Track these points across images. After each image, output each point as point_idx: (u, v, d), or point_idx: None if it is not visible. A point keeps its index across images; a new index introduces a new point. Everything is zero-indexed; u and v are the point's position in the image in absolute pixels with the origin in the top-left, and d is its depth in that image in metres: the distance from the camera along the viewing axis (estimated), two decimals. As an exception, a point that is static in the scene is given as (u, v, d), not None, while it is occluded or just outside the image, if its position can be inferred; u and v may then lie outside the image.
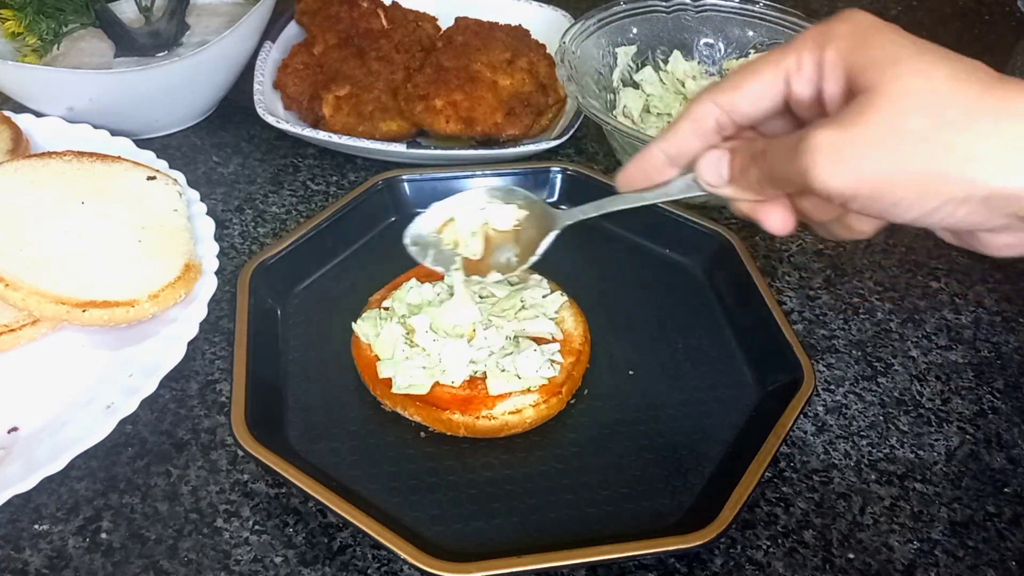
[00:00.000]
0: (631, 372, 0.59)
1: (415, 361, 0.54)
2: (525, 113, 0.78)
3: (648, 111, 0.81)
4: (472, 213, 0.54)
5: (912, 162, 0.34)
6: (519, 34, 0.87)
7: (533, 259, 0.52)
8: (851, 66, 0.36)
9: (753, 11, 0.84)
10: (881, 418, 0.59)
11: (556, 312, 0.59)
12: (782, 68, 0.39)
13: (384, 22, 0.86)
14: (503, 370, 0.54)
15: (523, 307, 0.59)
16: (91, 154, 0.66)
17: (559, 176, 0.72)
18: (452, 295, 0.59)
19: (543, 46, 0.87)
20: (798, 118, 0.41)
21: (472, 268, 0.54)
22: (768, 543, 0.51)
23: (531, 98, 0.80)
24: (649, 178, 0.45)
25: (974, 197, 0.34)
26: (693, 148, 0.42)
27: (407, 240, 0.55)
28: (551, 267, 0.63)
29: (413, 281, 0.60)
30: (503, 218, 0.54)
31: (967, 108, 0.34)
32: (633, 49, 0.83)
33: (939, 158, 0.34)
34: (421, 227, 0.55)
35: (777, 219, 0.41)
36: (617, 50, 0.82)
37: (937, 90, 0.34)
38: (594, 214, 0.50)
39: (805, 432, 0.57)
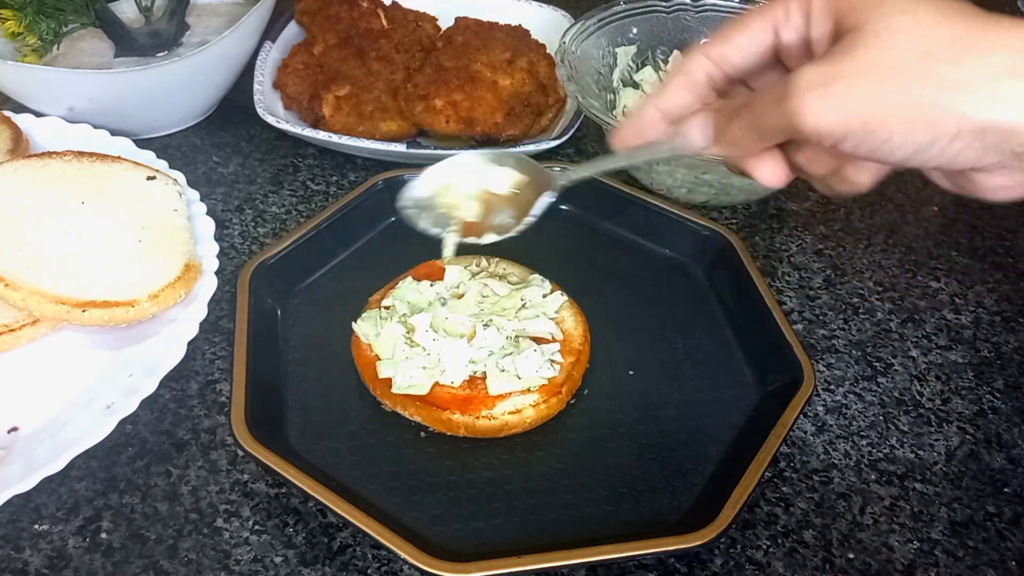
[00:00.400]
0: (631, 372, 0.59)
1: (415, 361, 0.54)
2: (525, 113, 0.78)
3: (648, 111, 0.81)
4: (469, 176, 0.53)
5: (901, 94, 0.34)
6: (519, 34, 0.87)
7: (529, 220, 0.51)
8: (837, 10, 0.37)
9: (753, 11, 0.84)
10: (881, 418, 0.59)
11: (556, 312, 0.59)
12: (770, 17, 0.39)
13: (384, 22, 0.86)
14: (503, 370, 0.54)
15: (523, 307, 0.59)
16: (91, 154, 0.66)
17: (559, 176, 0.72)
18: (452, 295, 0.59)
19: (543, 46, 0.87)
20: (788, 70, 0.41)
21: (468, 230, 0.53)
22: (768, 543, 0.51)
23: (531, 98, 0.80)
24: (643, 135, 0.44)
25: (966, 130, 0.34)
26: (685, 102, 0.43)
27: (402, 203, 0.53)
28: (551, 267, 0.63)
29: (411, 279, 0.60)
30: (500, 181, 0.53)
31: (954, 41, 0.34)
32: (633, 49, 0.83)
33: (928, 90, 0.34)
34: (417, 191, 0.54)
35: (768, 171, 0.41)
36: (617, 50, 0.82)
37: (924, 24, 0.34)
38: (588, 174, 0.50)
39: (805, 432, 0.57)
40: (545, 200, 0.51)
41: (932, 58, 0.34)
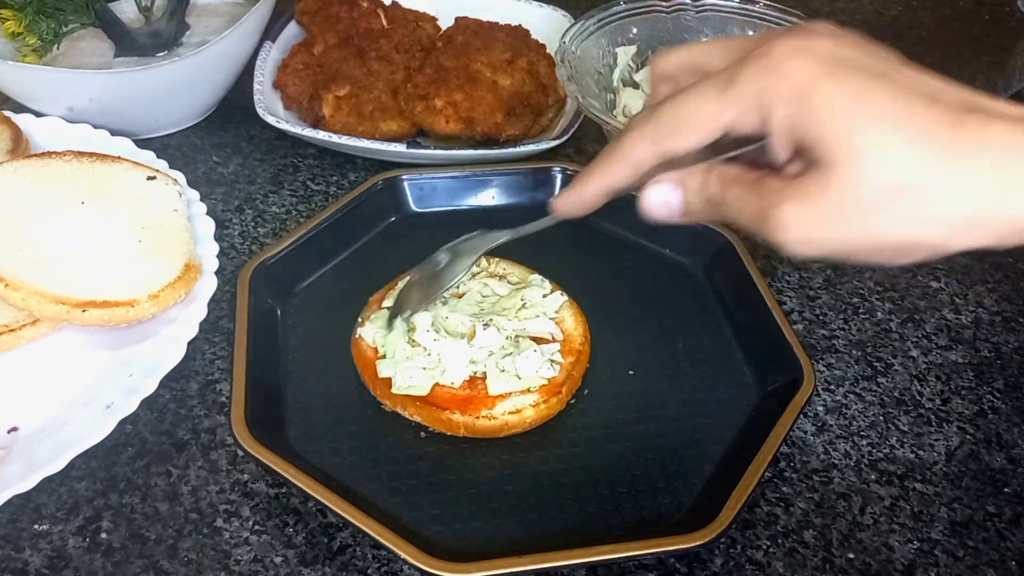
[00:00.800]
0: (631, 372, 0.59)
1: (415, 361, 0.54)
2: (525, 113, 0.78)
3: (648, 111, 0.81)
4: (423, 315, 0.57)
5: (881, 229, 0.34)
6: (519, 34, 0.87)
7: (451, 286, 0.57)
8: (802, 139, 0.36)
9: (753, 11, 0.84)
10: (881, 418, 0.59)
11: (556, 312, 0.59)
12: (721, 122, 0.38)
13: (384, 22, 0.86)
14: (503, 370, 0.54)
15: (523, 306, 0.59)
16: (91, 154, 0.66)
17: (559, 176, 0.72)
18: (452, 295, 0.59)
19: (543, 46, 0.87)
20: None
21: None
22: (768, 543, 0.51)
23: (531, 98, 0.80)
24: (585, 209, 0.45)
25: (950, 251, 0.34)
26: (629, 183, 0.42)
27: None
28: (551, 267, 0.63)
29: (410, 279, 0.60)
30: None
31: (922, 167, 0.33)
32: (633, 49, 0.83)
33: (905, 224, 0.34)
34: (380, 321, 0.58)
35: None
36: (617, 50, 0.82)
37: (896, 159, 0.33)
38: (508, 238, 0.56)
39: (805, 432, 0.57)
40: (468, 263, 0.57)
41: (905, 192, 0.33)
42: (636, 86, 0.82)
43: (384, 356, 0.56)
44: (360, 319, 0.59)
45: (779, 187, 0.36)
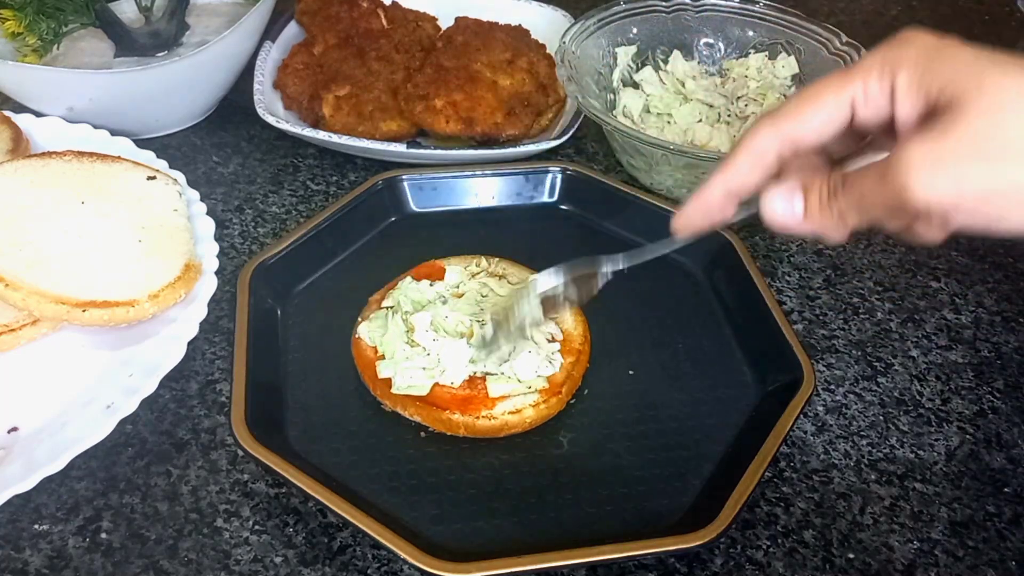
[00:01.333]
0: (631, 372, 0.59)
1: (415, 361, 0.54)
2: (525, 113, 0.78)
3: (648, 111, 0.81)
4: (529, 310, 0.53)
5: (1018, 175, 0.33)
6: (519, 34, 0.87)
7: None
8: (929, 88, 0.35)
9: (753, 11, 0.84)
10: (881, 418, 0.59)
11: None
12: (846, 96, 0.37)
13: (384, 22, 0.86)
14: (502, 372, 0.54)
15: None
16: (91, 154, 0.66)
17: (559, 176, 0.72)
18: (452, 294, 0.59)
19: (543, 46, 0.87)
20: (862, 138, 0.40)
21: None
22: (768, 543, 0.51)
23: (531, 98, 0.80)
24: (709, 217, 0.43)
25: None
26: (755, 181, 0.41)
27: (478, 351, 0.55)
28: (551, 267, 0.63)
29: (411, 279, 0.60)
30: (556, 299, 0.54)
31: None
32: (633, 49, 0.83)
33: None
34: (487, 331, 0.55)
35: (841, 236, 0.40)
36: (617, 50, 0.82)
37: None
38: (641, 260, 0.51)
39: (805, 432, 0.57)
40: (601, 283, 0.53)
41: None
42: (636, 86, 0.83)
43: (384, 356, 0.56)
44: (360, 319, 0.59)
45: (906, 141, 0.35)
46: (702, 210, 0.43)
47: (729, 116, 0.79)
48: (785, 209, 0.40)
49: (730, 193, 0.42)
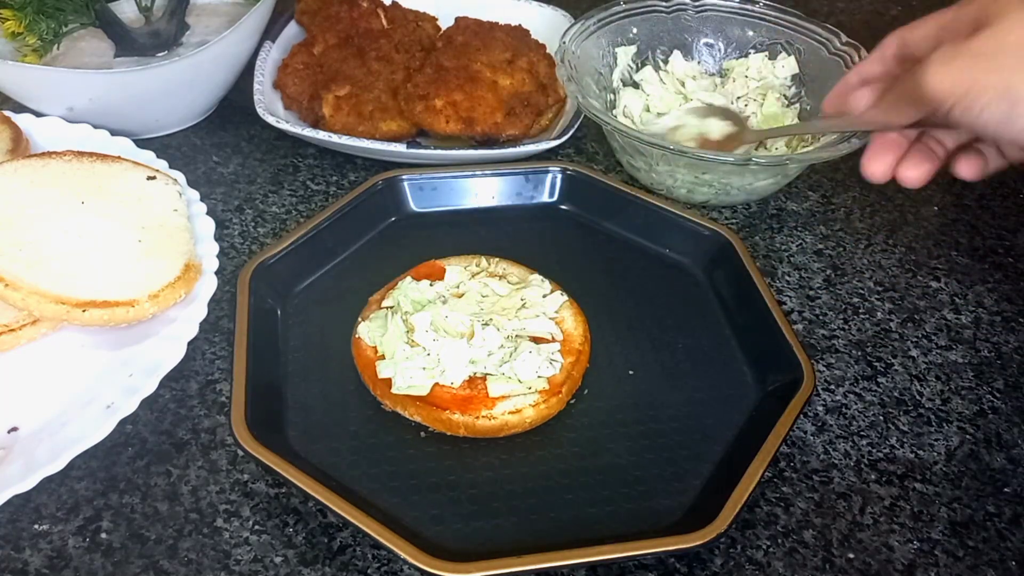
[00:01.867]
0: (631, 372, 0.59)
1: (415, 361, 0.54)
2: (525, 113, 0.78)
3: (648, 111, 0.81)
4: (692, 124, 0.73)
5: (999, 73, 0.43)
6: (519, 34, 0.87)
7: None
8: (980, 15, 0.46)
9: (753, 11, 0.84)
10: (881, 418, 0.59)
11: (556, 312, 0.59)
12: (937, 21, 0.51)
13: (384, 22, 0.86)
14: (502, 373, 0.54)
15: (523, 306, 0.59)
16: (91, 154, 0.66)
17: (559, 176, 0.73)
18: (452, 295, 0.59)
19: (543, 46, 0.87)
20: None
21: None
22: (768, 543, 0.51)
23: (531, 98, 0.80)
24: (845, 99, 0.57)
25: None
26: (878, 70, 0.56)
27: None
28: (551, 267, 0.63)
29: (411, 279, 0.60)
30: (714, 129, 0.72)
31: None
32: (633, 49, 0.83)
33: (1018, 73, 0.43)
34: (656, 127, 0.75)
35: (965, 168, 0.54)
36: (617, 50, 0.82)
37: None
38: (778, 135, 0.73)
39: (805, 432, 0.57)
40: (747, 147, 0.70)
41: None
42: (636, 86, 0.83)
43: (384, 356, 0.56)
44: (360, 319, 0.59)
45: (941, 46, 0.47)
46: (841, 91, 0.58)
47: (729, 116, 0.79)
48: (863, 98, 0.55)
49: (861, 78, 0.57)
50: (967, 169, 0.54)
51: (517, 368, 0.54)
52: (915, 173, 0.53)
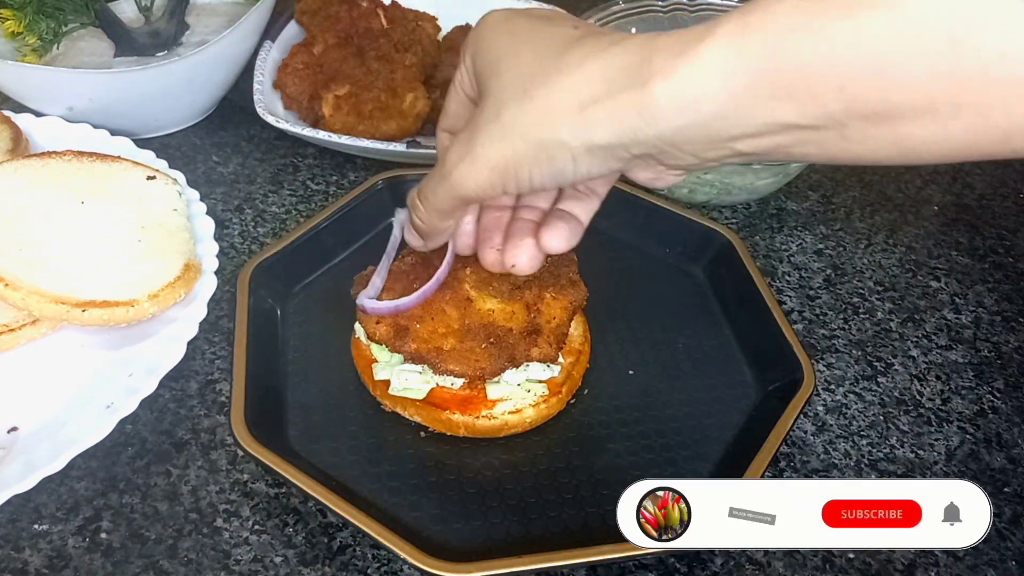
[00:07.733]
0: (631, 372, 0.59)
1: (408, 366, 0.54)
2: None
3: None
4: None
5: (519, 142, 0.38)
6: (519, 34, 0.87)
7: None
8: (475, 75, 0.41)
9: (753, 11, 0.84)
10: (881, 418, 0.59)
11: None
12: (456, 83, 0.44)
13: (384, 22, 0.86)
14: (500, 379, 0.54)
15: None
16: (91, 154, 0.66)
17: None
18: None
19: (543, 46, 0.87)
20: None
21: None
22: (768, 543, 0.51)
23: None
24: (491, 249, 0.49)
25: (578, 154, 0.37)
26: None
27: None
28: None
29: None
30: None
31: (544, 80, 0.37)
32: (633, 49, 0.83)
33: (535, 132, 0.37)
34: None
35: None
36: (617, 50, 0.82)
37: (523, 71, 0.38)
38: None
39: (805, 432, 0.57)
40: None
41: (530, 104, 0.37)
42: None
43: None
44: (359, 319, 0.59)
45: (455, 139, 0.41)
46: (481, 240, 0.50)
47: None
48: (412, 239, 0.50)
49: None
50: (555, 241, 0.47)
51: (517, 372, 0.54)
52: (517, 254, 0.46)
